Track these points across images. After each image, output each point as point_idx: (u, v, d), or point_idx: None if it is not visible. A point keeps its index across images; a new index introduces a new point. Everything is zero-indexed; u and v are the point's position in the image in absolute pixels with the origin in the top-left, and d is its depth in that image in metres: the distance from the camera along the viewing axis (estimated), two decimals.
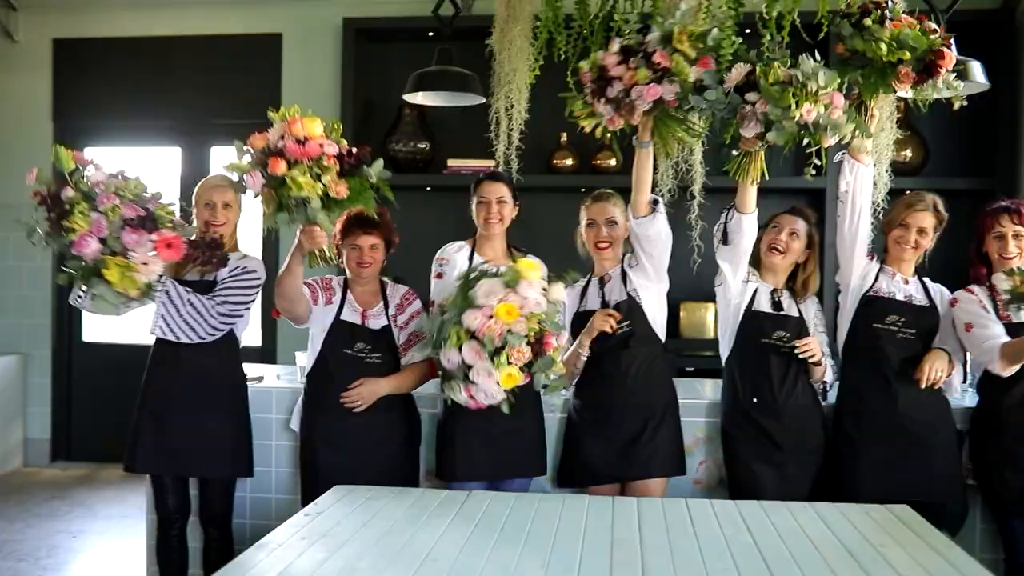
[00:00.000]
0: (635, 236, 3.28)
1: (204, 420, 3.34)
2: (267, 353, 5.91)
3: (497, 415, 3.05)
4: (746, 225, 3.21)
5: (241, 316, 3.39)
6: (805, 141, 2.92)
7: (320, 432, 3.35)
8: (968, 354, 3.34)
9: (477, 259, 3.36)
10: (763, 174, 3.12)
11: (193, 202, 3.45)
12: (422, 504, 2.79)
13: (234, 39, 6.15)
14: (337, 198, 3.00)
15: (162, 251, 3.02)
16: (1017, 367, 3.11)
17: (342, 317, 3.38)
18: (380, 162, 3.09)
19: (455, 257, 3.42)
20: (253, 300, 3.40)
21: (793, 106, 2.84)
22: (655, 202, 3.25)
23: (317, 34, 5.98)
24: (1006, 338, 3.12)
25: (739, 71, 2.94)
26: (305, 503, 3.28)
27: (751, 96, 2.90)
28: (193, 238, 3.22)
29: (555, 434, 3.49)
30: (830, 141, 2.97)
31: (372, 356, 3.36)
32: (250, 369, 3.94)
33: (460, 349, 2.94)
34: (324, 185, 2.96)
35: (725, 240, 3.26)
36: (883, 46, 2.99)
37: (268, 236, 3.45)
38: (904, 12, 3.09)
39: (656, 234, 3.24)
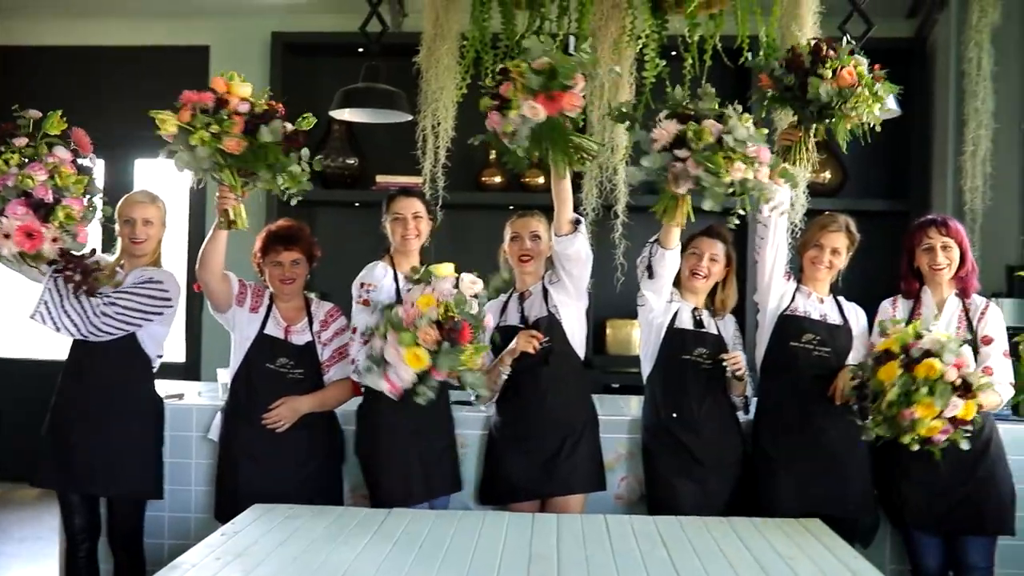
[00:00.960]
0: (556, 255, 3.32)
1: (109, 437, 3.28)
2: (191, 370, 5.82)
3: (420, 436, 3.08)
4: (669, 259, 3.25)
5: (134, 324, 3.30)
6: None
7: (239, 445, 3.32)
8: None
9: (401, 280, 3.31)
10: (689, 216, 3.09)
11: (116, 217, 3.40)
12: (342, 522, 2.78)
13: (161, 51, 6.07)
14: (228, 152, 2.98)
15: (19, 235, 3.04)
16: None
17: (266, 331, 3.36)
18: (277, 123, 3.03)
19: (382, 283, 3.32)
20: (153, 312, 3.32)
21: (723, 170, 2.83)
22: (577, 222, 3.29)
23: (245, 47, 5.93)
24: None
25: (668, 131, 2.91)
26: (219, 515, 3.29)
27: (680, 152, 2.87)
28: (77, 253, 3.19)
29: (477, 451, 3.50)
30: (765, 209, 3.09)
31: (294, 372, 3.34)
32: (171, 386, 3.90)
33: (385, 338, 2.99)
34: (214, 136, 2.95)
35: (650, 274, 3.30)
36: (863, 104, 3.11)
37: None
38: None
39: (576, 253, 3.27)
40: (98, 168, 6.25)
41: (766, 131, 2.98)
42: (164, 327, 3.42)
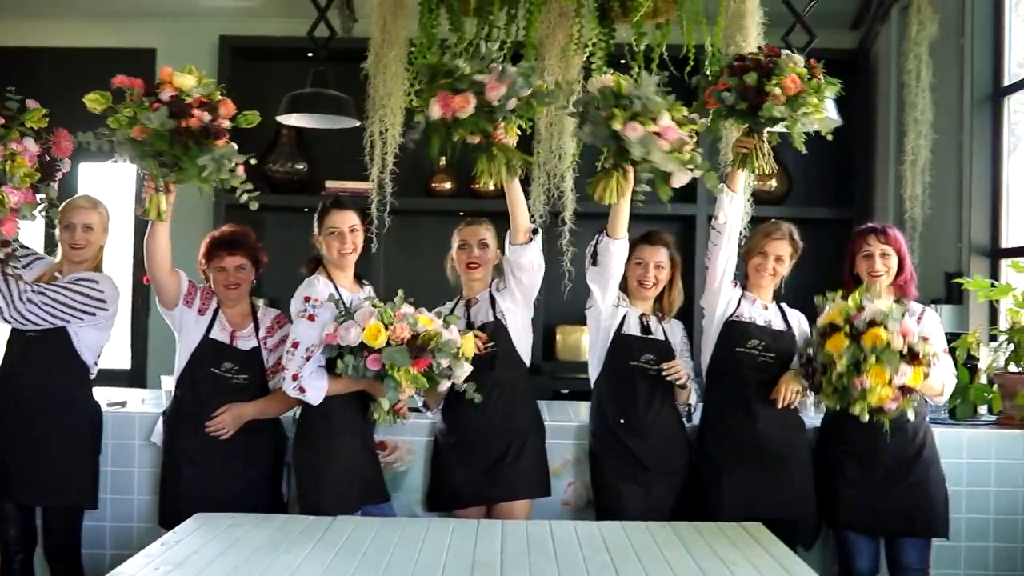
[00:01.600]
0: (508, 263, 3.33)
1: (41, 445, 3.24)
2: (136, 377, 5.73)
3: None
4: (614, 249, 3.28)
5: (61, 318, 3.25)
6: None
7: (182, 450, 3.29)
8: None
9: (346, 295, 3.23)
10: (633, 199, 3.18)
11: (57, 222, 3.36)
12: (285, 530, 2.76)
13: (106, 53, 5.97)
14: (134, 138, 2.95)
15: None
16: None
17: (211, 335, 3.33)
18: (163, 110, 2.95)
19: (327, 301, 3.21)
20: (83, 310, 3.28)
21: (616, 116, 2.94)
22: (535, 231, 3.29)
23: (193, 50, 5.84)
24: None
25: (597, 84, 3.08)
26: (163, 522, 3.26)
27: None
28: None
29: (424, 458, 3.51)
30: (720, 215, 3.25)
31: (239, 377, 3.32)
32: (115, 394, 3.85)
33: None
34: (129, 121, 2.94)
35: (595, 261, 3.33)
36: (810, 109, 3.17)
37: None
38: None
39: (529, 263, 3.28)
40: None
41: (697, 121, 3.10)
42: (101, 332, 3.38)
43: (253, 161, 3.16)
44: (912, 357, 2.96)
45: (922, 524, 3.29)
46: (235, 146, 3.06)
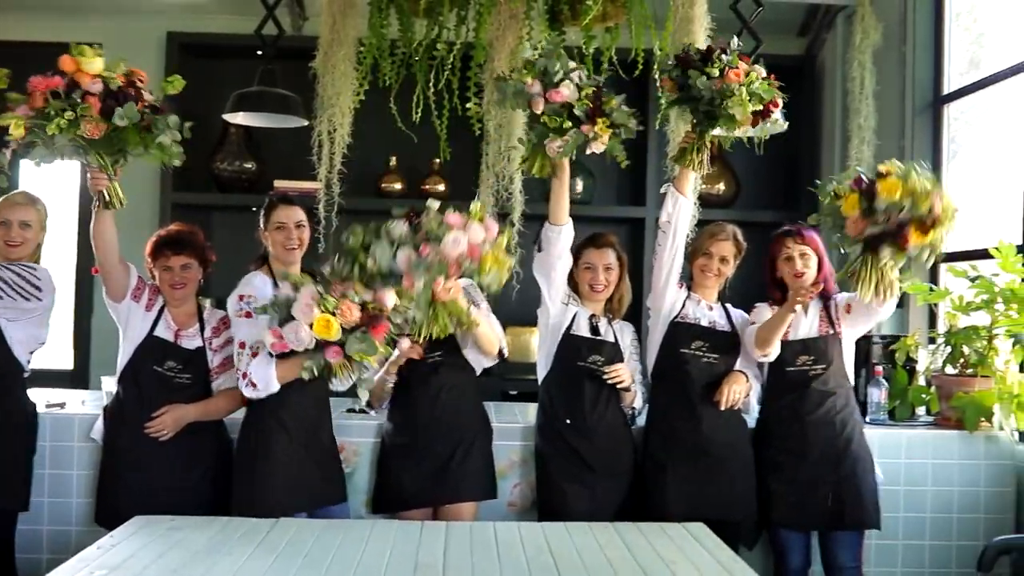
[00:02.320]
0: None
1: None
2: (78, 378, 5.63)
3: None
4: (554, 235, 3.30)
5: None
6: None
7: (121, 449, 3.25)
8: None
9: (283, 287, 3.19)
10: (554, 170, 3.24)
11: None
12: (225, 533, 2.73)
13: (50, 47, 5.84)
14: (88, 137, 2.90)
15: None
16: (772, 348, 3.35)
17: (155, 333, 3.29)
18: (131, 105, 2.93)
19: (263, 294, 3.16)
20: (15, 290, 3.24)
21: (524, 72, 3.08)
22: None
23: (140, 46, 5.75)
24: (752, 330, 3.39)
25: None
26: (99, 518, 3.24)
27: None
28: None
29: (369, 460, 3.49)
30: (663, 214, 3.35)
31: (182, 376, 3.29)
32: (54, 395, 3.78)
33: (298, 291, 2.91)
34: (71, 123, 2.87)
35: (538, 247, 3.36)
36: (744, 100, 3.18)
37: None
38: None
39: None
40: None
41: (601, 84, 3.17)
42: (35, 329, 3.32)
43: (188, 135, 3.12)
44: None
45: (852, 517, 3.35)
46: (176, 118, 3.06)
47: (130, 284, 3.28)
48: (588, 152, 3.17)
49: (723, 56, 3.25)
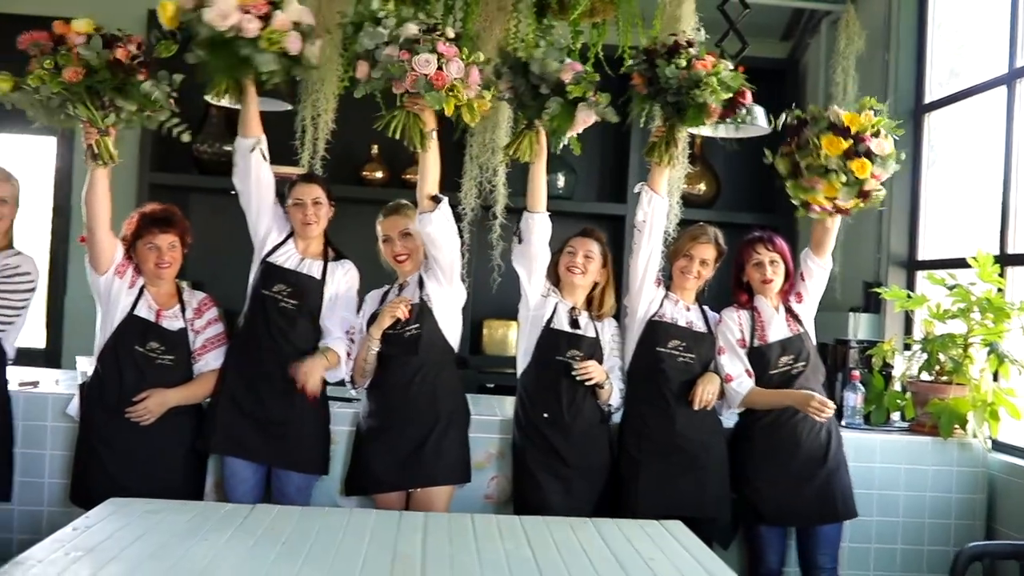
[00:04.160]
0: (422, 235, 3.32)
1: None
2: (51, 356, 5.56)
3: (267, 399, 3.23)
4: (533, 223, 3.32)
5: (11, 323, 3.21)
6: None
7: (98, 429, 3.22)
8: None
9: (307, 263, 3.38)
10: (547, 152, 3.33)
11: None
12: (202, 517, 2.70)
13: (28, 21, 5.76)
14: (69, 83, 2.93)
15: None
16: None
17: (136, 312, 3.25)
18: (97, 40, 2.98)
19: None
20: (23, 305, 3.23)
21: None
22: (437, 199, 3.26)
23: (120, 24, 5.63)
24: (747, 383, 3.42)
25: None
26: (73, 496, 3.22)
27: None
28: None
29: (346, 445, 3.47)
30: (640, 213, 3.41)
31: (164, 357, 3.26)
32: (26, 373, 3.72)
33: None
34: (53, 73, 2.92)
35: (519, 239, 3.38)
36: (711, 88, 3.19)
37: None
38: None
39: (435, 233, 3.25)
40: None
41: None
42: (25, 316, 3.30)
43: (175, 94, 3.16)
44: (864, 195, 3.28)
45: (842, 508, 3.42)
46: (166, 72, 3.09)
47: (116, 258, 3.24)
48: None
49: (690, 49, 3.26)
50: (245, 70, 3.17)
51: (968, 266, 3.77)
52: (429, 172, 3.27)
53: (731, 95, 3.28)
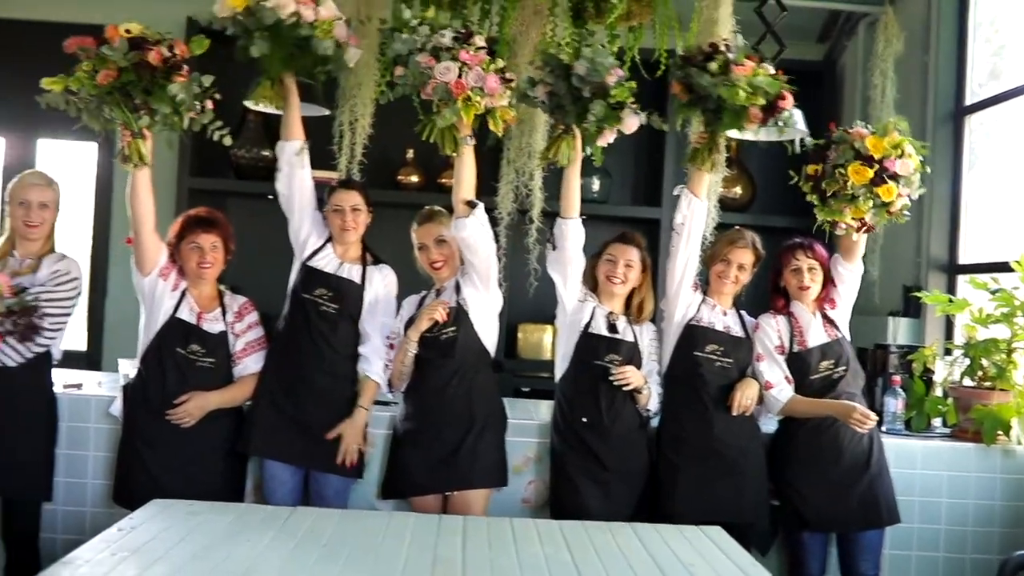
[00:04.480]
0: (457, 240, 3.33)
1: (3, 433, 3.19)
2: (92, 359, 5.63)
3: (307, 402, 3.23)
4: (566, 229, 3.32)
5: (63, 327, 3.27)
6: None
7: (140, 431, 3.26)
8: None
9: (346, 267, 3.40)
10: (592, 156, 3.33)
11: (6, 199, 3.29)
12: (244, 520, 2.72)
13: (70, 28, 5.83)
14: (100, 85, 2.97)
15: None
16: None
17: (178, 315, 3.29)
18: (123, 42, 3.00)
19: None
20: (74, 307, 3.28)
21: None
22: (473, 204, 3.26)
23: (159, 31, 5.77)
24: (787, 391, 3.39)
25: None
26: (117, 497, 3.27)
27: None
28: (11, 305, 3.07)
29: (382, 449, 3.48)
30: (679, 216, 3.41)
31: (205, 360, 3.29)
32: (69, 375, 3.77)
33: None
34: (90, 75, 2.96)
35: (553, 245, 3.37)
36: (741, 92, 3.18)
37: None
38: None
39: (470, 237, 3.26)
40: None
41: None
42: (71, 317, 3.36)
43: (218, 96, 3.17)
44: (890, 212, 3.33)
45: (886, 513, 3.39)
46: (198, 74, 3.10)
47: (160, 260, 3.28)
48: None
49: (727, 54, 3.25)
50: (302, 60, 3.23)
51: (1011, 270, 3.72)
52: (464, 177, 3.28)
53: (770, 99, 3.26)
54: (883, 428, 3.72)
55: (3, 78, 5.84)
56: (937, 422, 3.92)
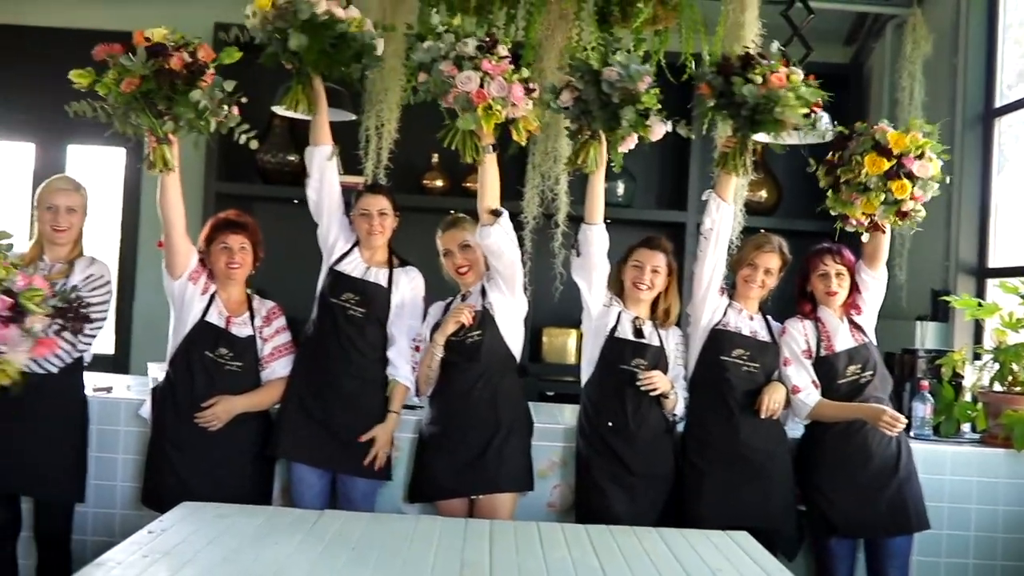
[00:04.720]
0: (482, 247, 3.34)
1: (35, 436, 3.22)
2: (120, 363, 5.69)
3: (335, 406, 3.25)
4: (591, 235, 3.33)
5: (100, 330, 3.33)
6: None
7: (169, 433, 3.29)
8: None
9: (372, 271, 3.42)
10: (610, 163, 3.37)
11: (35, 204, 3.33)
12: (272, 522, 2.75)
13: (98, 35, 5.89)
14: (124, 93, 2.98)
15: (35, 349, 2.93)
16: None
17: (207, 319, 3.32)
18: (141, 51, 3.00)
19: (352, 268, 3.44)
20: (108, 309, 3.33)
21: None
22: (498, 213, 3.27)
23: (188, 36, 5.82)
24: (814, 395, 3.38)
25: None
26: (146, 499, 3.30)
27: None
28: (55, 303, 3.04)
29: (409, 453, 3.50)
30: (707, 221, 3.40)
31: (233, 364, 3.32)
32: (99, 379, 3.81)
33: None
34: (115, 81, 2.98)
35: (577, 252, 3.38)
36: (793, 102, 3.18)
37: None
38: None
39: (495, 245, 3.27)
40: (28, 152, 6.13)
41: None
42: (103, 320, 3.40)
43: (244, 99, 3.18)
44: (902, 215, 3.33)
45: (915, 518, 3.37)
46: (220, 79, 3.11)
47: (190, 264, 3.32)
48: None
49: (764, 61, 3.24)
50: (338, 55, 3.27)
51: None
52: (488, 185, 3.29)
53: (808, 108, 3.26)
54: (911, 433, 3.69)
55: (33, 85, 5.91)
56: (966, 427, 3.89)
